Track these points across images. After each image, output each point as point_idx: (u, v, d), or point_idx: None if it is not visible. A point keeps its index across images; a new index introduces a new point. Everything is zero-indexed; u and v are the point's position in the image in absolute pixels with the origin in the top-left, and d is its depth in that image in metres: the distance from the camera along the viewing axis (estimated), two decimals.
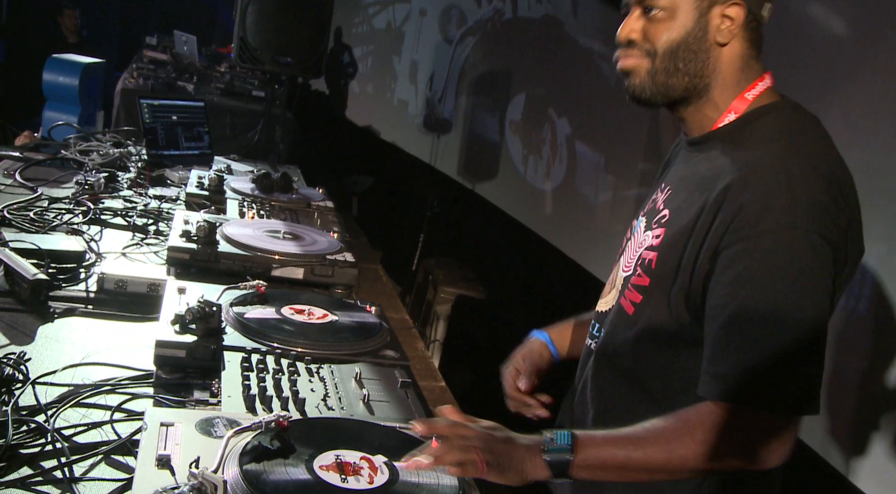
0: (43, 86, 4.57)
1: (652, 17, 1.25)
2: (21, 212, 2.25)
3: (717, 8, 1.22)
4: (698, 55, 1.24)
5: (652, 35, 1.25)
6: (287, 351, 1.49)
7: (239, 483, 1.03)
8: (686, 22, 1.23)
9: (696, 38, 1.23)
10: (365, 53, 6.57)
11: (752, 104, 1.24)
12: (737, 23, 1.22)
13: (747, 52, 1.25)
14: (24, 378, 1.39)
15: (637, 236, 1.35)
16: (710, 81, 1.25)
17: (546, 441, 1.13)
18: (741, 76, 1.25)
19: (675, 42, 1.24)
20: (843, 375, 1.85)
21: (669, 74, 1.25)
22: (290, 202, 2.61)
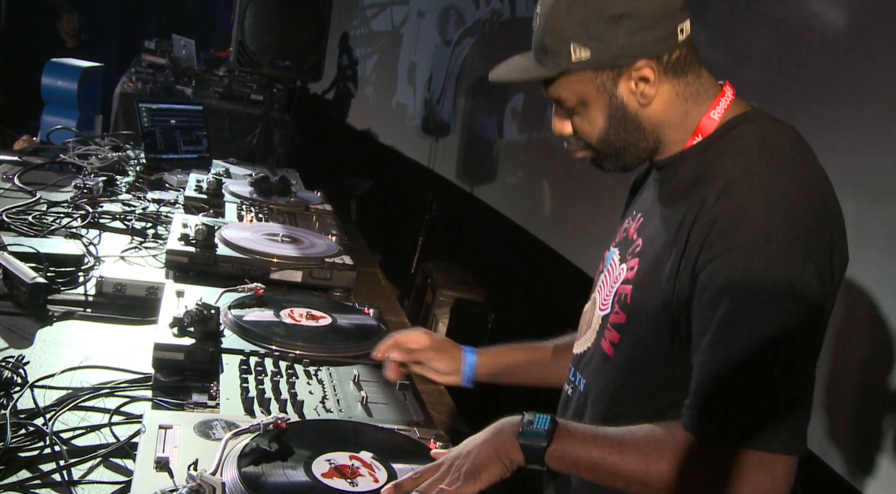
0: (41, 90, 4.57)
1: (568, 110, 1.20)
2: (20, 216, 2.25)
3: (623, 79, 1.15)
4: (628, 128, 1.18)
5: (579, 130, 1.21)
6: (285, 354, 1.49)
7: (237, 486, 1.03)
8: (601, 107, 1.17)
9: (619, 117, 1.17)
10: (364, 55, 6.58)
11: (721, 120, 1.17)
12: (652, 79, 1.14)
13: (683, 85, 1.17)
14: (23, 381, 1.39)
15: (612, 270, 1.28)
16: (658, 134, 1.19)
17: (524, 424, 1.10)
18: (690, 106, 1.17)
19: (601, 131, 1.19)
20: (842, 375, 1.86)
21: (616, 155, 1.21)
22: (288, 205, 2.61)
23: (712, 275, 1.04)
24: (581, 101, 1.18)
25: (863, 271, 1.80)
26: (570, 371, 1.34)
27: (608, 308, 1.24)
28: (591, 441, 1.09)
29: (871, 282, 1.80)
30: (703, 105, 1.18)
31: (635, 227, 1.26)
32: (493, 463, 1.09)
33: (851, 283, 1.82)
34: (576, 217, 3.33)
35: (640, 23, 1.11)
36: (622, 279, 1.21)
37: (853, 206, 1.83)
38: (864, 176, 1.84)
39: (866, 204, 1.82)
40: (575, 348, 1.34)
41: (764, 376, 1.01)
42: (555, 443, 1.08)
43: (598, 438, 1.10)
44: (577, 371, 1.31)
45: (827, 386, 1.89)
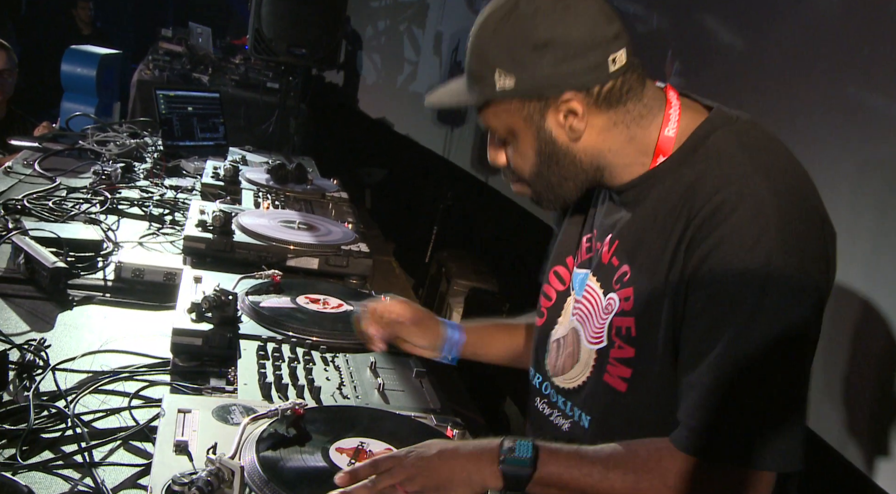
0: (61, 76, 4.60)
1: (500, 140, 1.17)
2: (40, 202, 2.27)
3: (550, 112, 1.10)
4: (562, 162, 1.13)
5: (513, 164, 1.17)
6: (302, 340, 1.50)
7: (256, 470, 1.04)
8: (529, 141, 1.13)
9: (549, 152, 1.13)
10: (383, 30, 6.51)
11: (679, 134, 1.10)
12: (580, 112, 1.09)
13: (621, 114, 1.11)
14: (45, 364, 1.41)
15: (595, 300, 1.20)
16: (598, 164, 1.14)
17: (505, 451, 1.04)
18: (634, 130, 1.12)
19: (533, 166, 1.15)
20: (860, 367, 1.84)
21: (553, 189, 1.17)
22: (304, 193, 2.62)
23: (713, 299, 1.01)
24: (510, 132, 1.14)
25: (881, 261, 1.79)
26: (560, 402, 1.27)
27: (604, 341, 1.17)
28: (577, 466, 1.04)
29: (889, 272, 1.78)
30: (649, 125, 1.12)
31: (609, 252, 1.18)
32: (462, 485, 1.04)
33: (870, 273, 1.80)
34: None
35: (565, 52, 1.06)
36: (616, 310, 1.14)
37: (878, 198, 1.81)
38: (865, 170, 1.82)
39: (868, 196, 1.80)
40: (559, 381, 1.27)
41: (762, 396, 0.99)
42: (540, 470, 1.04)
43: (585, 461, 1.05)
44: (574, 405, 1.24)
45: (846, 379, 1.87)
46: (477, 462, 1.05)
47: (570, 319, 1.26)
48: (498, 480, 1.04)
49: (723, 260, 1.00)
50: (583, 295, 1.23)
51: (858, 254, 1.84)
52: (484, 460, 1.05)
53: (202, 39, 5.78)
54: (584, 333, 1.22)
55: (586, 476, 1.03)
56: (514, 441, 1.06)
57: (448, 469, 1.05)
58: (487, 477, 1.04)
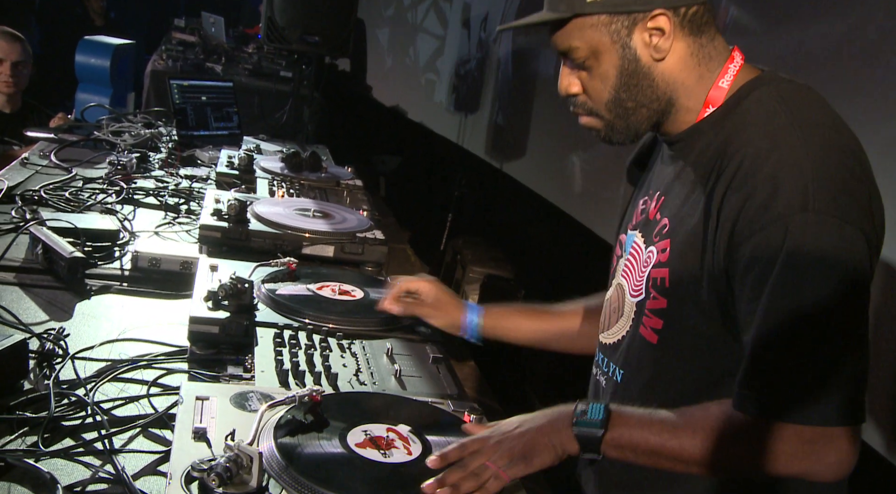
0: (75, 67, 4.62)
1: (577, 63, 1.15)
2: (57, 192, 2.28)
3: (638, 29, 1.11)
4: (641, 84, 1.13)
5: (589, 89, 1.16)
6: (319, 327, 1.50)
7: (274, 456, 1.05)
8: (613, 60, 1.12)
9: (631, 72, 1.12)
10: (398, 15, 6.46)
11: (731, 89, 1.12)
12: (667, 31, 1.10)
13: (697, 45, 1.12)
14: (64, 353, 1.42)
15: (638, 254, 1.22)
16: (670, 95, 1.14)
17: (578, 413, 1.08)
18: (703, 70, 1.13)
19: (612, 88, 1.14)
20: (882, 350, 1.82)
21: (626, 117, 1.16)
22: (319, 181, 2.62)
23: (754, 251, 1.00)
24: (592, 52, 1.13)
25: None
26: (600, 359, 1.31)
27: (642, 293, 1.19)
28: (647, 426, 1.06)
29: None
30: (714, 71, 1.13)
31: (656, 208, 1.20)
32: (546, 451, 1.08)
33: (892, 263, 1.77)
34: (606, 192, 3.30)
35: None
36: (654, 262, 1.16)
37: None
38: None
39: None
40: (604, 337, 1.30)
41: (817, 348, 0.98)
42: (611, 432, 1.06)
43: (654, 423, 1.07)
44: (611, 361, 1.27)
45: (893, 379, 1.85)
46: (554, 428, 1.09)
47: (618, 278, 1.29)
48: (573, 442, 1.08)
49: (758, 211, 1.00)
50: (629, 252, 1.25)
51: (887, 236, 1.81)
52: (560, 423, 1.09)
53: (215, 29, 5.78)
54: (627, 287, 1.24)
55: (656, 434, 1.05)
56: (587, 404, 1.09)
57: (529, 438, 1.09)
58: (564, 441, 1.08)
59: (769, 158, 1.01)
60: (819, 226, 0.97)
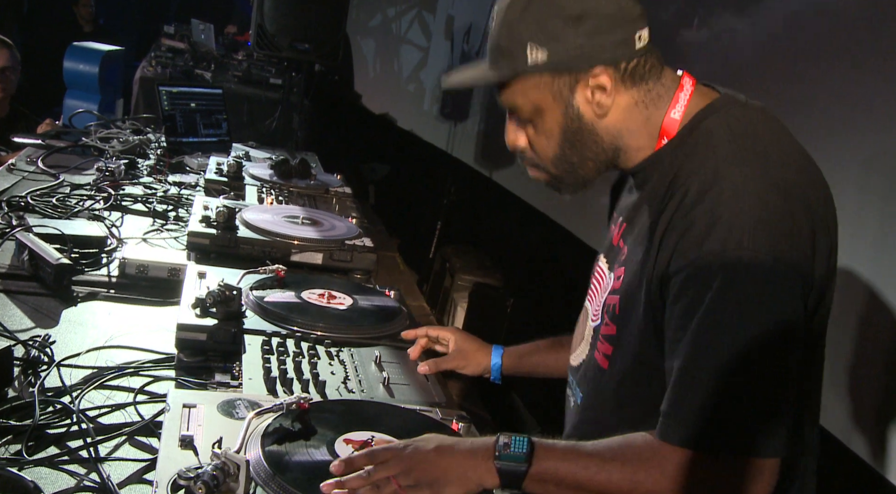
0: (63, 73, 4.60)
1: (522, 120, 1.16)
2: (44, 199, 2.27)
3: (579, 87, 1.10)
4: (586, 140, 1.13)
5: (535, 145, 1.16)
6: (307, 335, 1.50)
7: (261, 464, 1.04)
8: (556, 118, 1.12)
9: (574, 129, 1.13)
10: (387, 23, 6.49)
11: (683, 118, 1.11)
12: (609, 88, 1.10)
13: (642, 92, 1.12)
14: (50, 360, 1.41)
15: (601, 279, 1.24)
16: (616, 144, 1.14)
17: (500, 446, 1.04)
18: (651, 112, 1.12)
19: (556, 147, 1.14)
20: (865, 359, 1.83)
21: (573, 172, 1.16)
22: (308, 188, 2.62)
23: (685, 283, 1.01)
24: (536, 110, 1.13)
25: (887, 254, 1.78)
26: (570, 380, 1.32)
27: (598, 319, 1.21)
28: (573, 460, 1.04)
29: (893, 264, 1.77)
30: (662, 108, 1.13)
31: (619, 234, 1.22)
32: (458, 482, 1.03)
33: (874, 267, 1.79)
34: (596, 201, 3.31)
35: (597, 25, 1.07)
36: (610, 289, 1.18)
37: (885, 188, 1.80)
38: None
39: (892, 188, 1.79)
40: (572, 359, 1.31)
41: (742, 381, 0.98)
42: (535, 466, 1.03)
43: (581, 456, 1.04)
44: (576, 383, 1.28)
45: (851, 371, 1.87)
46: (472, 459, 1.04)
47: (586, 301, 1.31)
48: (494, 477, 1.03)
49: (693, 244, 1.00)
50: (595, 276, 1.27)
51: (863, 247, 1.83)
52: (479, 457, 1.04)
53: (204, 36, 5.78)
54: (590, 311, 1.26)
55: (583, 468, 1.03)
56: (509, 437, 1.05)
57: (444, 464, 1.04)
58: (483, 475, 1.04)
59: (709, 192, 1.01)
60: (751, 263, 0.97)
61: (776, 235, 0.98)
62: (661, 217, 1.07)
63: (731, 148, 1.04)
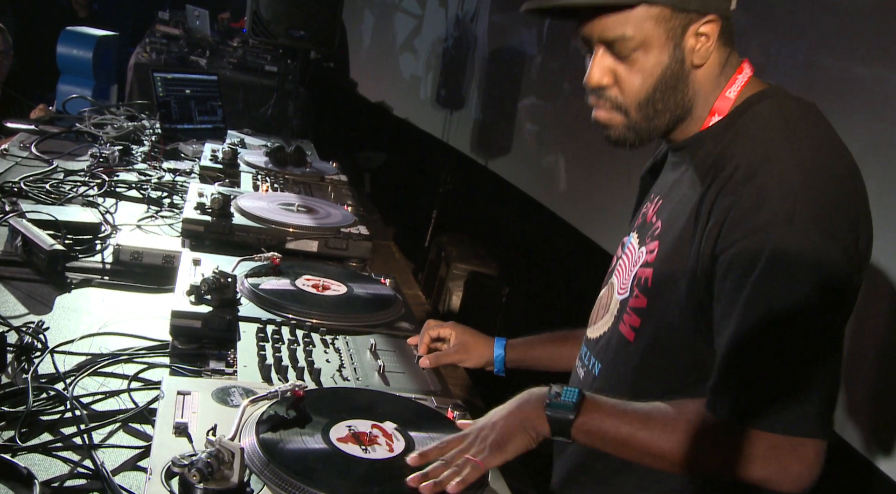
0: (57, 58, 4.56)
1: (621, 54, 1.11)
2: (37, 184, 2.26)
3: (690, 30, 1.09)
4: (677, 88, 1.12)
5: (623, 83, 1.12)
6: (302, 322, 1.50)
7: (256, 451, 1.04)
8: (661, 58, 1.09)
9: (674, 73, 1.10)
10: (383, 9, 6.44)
11: (737, 99, 1.13)
12: (712, 38, 1.09)
13: (726, 56, 1.13)
14: (43, 346, 1.40)
15: (631, 254, 1.24)
16: (692, 104, 1.14)
17: (552, 395, 1.08)
18: (722, 80, 1.14)
19: (649, 88, 1.11)
20: (861, 351, 1.84)
21: (650, 120, 1.14)
22: (303, 175, 2.60)
23: (735, 258, 1.01)
24: (644, 44, 1.09)
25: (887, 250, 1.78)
26: (584, 353, 1.33)
27: (626, 292, 1.21)
28: (619, 416, 1.06)
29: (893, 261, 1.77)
30: (726, 77, 1.14)
31: (654, 210, 1.22)
32: (519, 435, 1.08)
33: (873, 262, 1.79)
34: (591, 191, 3.31)
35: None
36: (641, 262, 1.18)
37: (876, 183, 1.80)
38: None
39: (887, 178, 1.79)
40: (590, 332, 1.32)
41: (791, 357, 0.98)
42: (582, 416, 1.06)
43: (627, 413, 1.07)
44: (592, 354, 1.29)
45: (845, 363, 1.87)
46: (525, 409, 1.09)
47: (612, 276, 1.31)
48: (544, 424, 1.07)
49: (742, 220, 1.01)
50: (625, 251, 1.28)
51: None
52: (532, 405, 1.09)
53: (199, 22, 5.73)
54: (616, 285, 1.27)
55: (627, 424, 1.05)
56: (561, 387, 1.09)
57: (502, 425, 1.09)
58: (536, 423, 1.08)
59: (760, 169, 1.02)
60: (801, 239, 0.98)
61: (825, 213, 0.99)
62: (707, 192, 1.07)
63: (784, 132, 1.05)
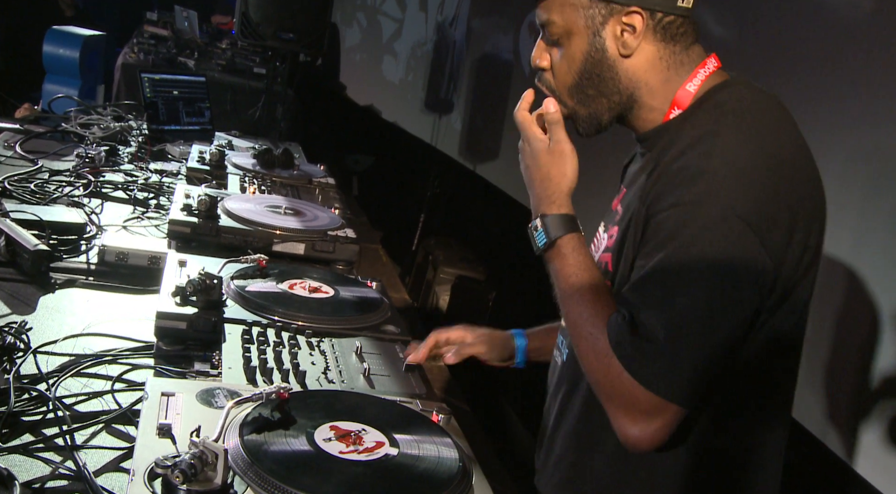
0: (43, 58, 4.52)
1: (551, 38, 1.20)
2: (22, 184, 2.24)
3: (612, 21, 1.14)
4: (603, 76, 1.17)
5: (555, 68, 1.21)
6: (288, 325, 1.49)
7: (240, 453, 1.04)
8: (582, 45, 1.16)
9: (596, 60, 1.17)
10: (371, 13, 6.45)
11: (698, 92, 1.15)
12: (639, 30, 1.14)
13: (668, 52, 1.16)
14: (26, 347, 1.39)
15: (597, 242, 1.30)
16: (632, 92, 1.18)
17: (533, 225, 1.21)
18: (671, 74, 1.16)
19: (575, 74, 1.18)
20: (842, 357, 1.86)
21: (587, 105, 1.20)
22: (291, 178, 2.60)
23: (658, 226, 1.05)
24: (566, 31, 1.17)
25: (865, 255, 1.80)
26: (560, 341, 1.36)
27: None
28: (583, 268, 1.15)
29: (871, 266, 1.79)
30: (683, 75, 1.16)
31: (618, 199, 1.27)
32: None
33: (853, 266, 1.81)
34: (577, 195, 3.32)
35: None
36: (603, 248, 1.24)
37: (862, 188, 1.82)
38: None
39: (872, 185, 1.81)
40: (563, 319, 1.33)
41: (679, 327, 1.01)
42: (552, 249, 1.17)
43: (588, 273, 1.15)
44: (564, 340, 1.33)
45: (827, 367, 1.89)
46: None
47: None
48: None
49: (673, 191, 1.04)
50: (593, 240, 1.32)
51: (843, 245, 1.85)
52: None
53: (188, 23, 5.71)
54: None
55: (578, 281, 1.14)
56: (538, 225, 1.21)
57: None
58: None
59: (701, 144, 1.05)
60: (722, 225, 1.00)
61: (754, 203, 1.01)
62: (652, 174, 1.11)
63: (734, 117, 1.08)
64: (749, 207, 1.01)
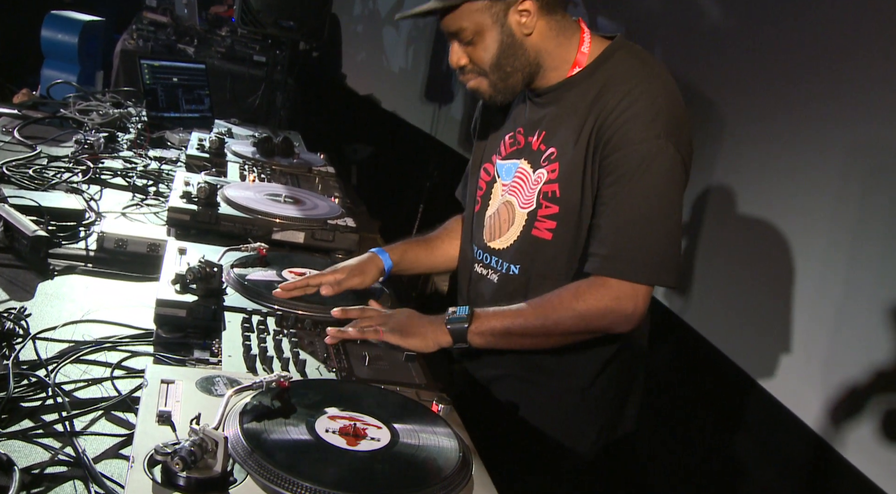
0: (41, 43, 4.50)
1: (464, 41, 1.49)
2: (20, 170, 2.23)
3: (511, 11, 1.46)
4: (517, 54, 1.49)
5: (475, 58, 1.51)
6: (288, 313, 1.49)
7: (239, 441, 1.04)
8: (494, 36, 1.47)
9: (508, 44, 1.48)
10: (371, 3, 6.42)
11: (591, 53, 1.51)
12: (533, 13, 1.46)
13: (553, 21, 1.49)
14: (25, 333, 1.39)
15: (526, 177, 1.57)
16: (538, 60, 1.51)
17: (449, 314, 1.46)
18: (561, 39, 1.51)
19: (495, 57, 1.49)
20: (841, 351, 1.86)
21: (506, 78, 1.52)
22: (291, 167, 2.59)
23: (616, 161, 1.41)
24: (477, 31, 1.47)
25: (860, 253, 1.80)
26: (492, 261, 1.64)
27: (533, 204, 1.55)
28: (506, 313, 1.45)
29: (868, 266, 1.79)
30: (570, 39, 1.52)
31: (539, 140, 1.56)
32: (420, 337, 1.44)
33: (850, 264, 1.81)
34: None
35: None
36: (545, 180, 1.53)
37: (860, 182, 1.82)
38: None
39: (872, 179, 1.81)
40: (494, 243, 1.64)
41: (650, 225, 1.40)
42: (474, 323, 1.44)
43: (513, 309, 1.45)
44: (504, 260, 1.61)
45: (825, 361, 1.89)
46: (432, 324, 1.47)
47: (499, 198, 1.64)
48: (446, 336, 1.45)
49: (626, 135, 1.41)
50: (513, 177, 1.61)
51: (842, 239, 1.85)
52: (436, 323, 1.47)
53: (187, 10, 5.68)
54: (517, 202, 1.59)
55: (514, 318, 1.45)
56: (455, 308, 1.48)
57: (412, 323, 1.47)
58: (439, 335, 1.45)
59: (635, 100, 1.41)
60: (663, 149, 1.40)
61: (676, 130, 1.42)
62: (597, 120, 1.44)
63: (646, 71, 1.46)
64: (675, 136, 1.40)
